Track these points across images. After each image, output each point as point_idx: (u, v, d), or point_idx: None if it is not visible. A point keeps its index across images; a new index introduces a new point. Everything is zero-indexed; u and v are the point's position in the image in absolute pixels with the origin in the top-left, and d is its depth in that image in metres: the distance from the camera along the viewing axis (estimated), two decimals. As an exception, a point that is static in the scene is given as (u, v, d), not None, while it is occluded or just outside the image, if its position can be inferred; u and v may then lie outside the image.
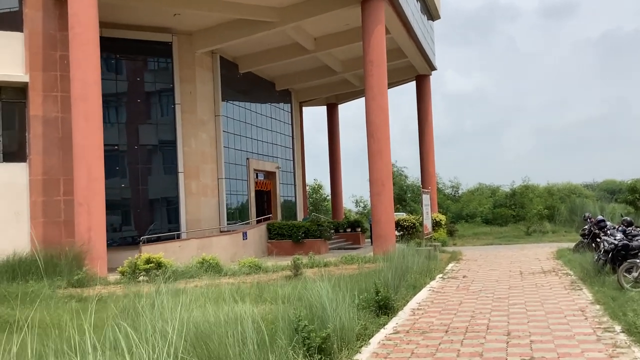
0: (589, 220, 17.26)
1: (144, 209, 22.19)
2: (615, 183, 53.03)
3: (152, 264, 15.18)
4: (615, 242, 11.67)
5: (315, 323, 6.51)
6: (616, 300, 9.13)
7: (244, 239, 22.13)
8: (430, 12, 30.44)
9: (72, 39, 16.20)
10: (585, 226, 17.10)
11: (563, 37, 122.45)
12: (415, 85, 31.56)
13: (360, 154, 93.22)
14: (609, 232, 13.00)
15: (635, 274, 10.45)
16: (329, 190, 40.13)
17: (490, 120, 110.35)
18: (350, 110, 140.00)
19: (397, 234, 22.73)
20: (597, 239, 14.98)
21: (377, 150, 19.65)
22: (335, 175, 37.28)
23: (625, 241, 11.61)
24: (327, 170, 37.57)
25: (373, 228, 19.99)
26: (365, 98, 20.24)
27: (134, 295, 7.48)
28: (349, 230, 28.90)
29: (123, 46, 21.87)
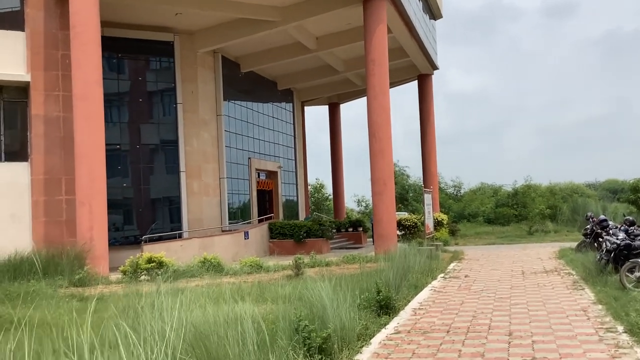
0: (591, 219, 17.21)
1: (145, 208, 22.21)
2: (617, 182, 52.90)
3: (154, 264, 15.17)
4: (618, 242, 11.63)
5: (316, 323, 6.48)
6: (618, 300, 9.09)
7: (245, 239, 22.13)
8: (432, 11, 30.40)
9: (74, 38, 16.20)
10: (588, 226, 17.06)
11: (564, 37, 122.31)
12: (417, 85, 31.55)
13: (362, 153, 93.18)
14: (611, 232, 12.96)
15: (637, 274, 10.40)
16: (330, 189, 40.15)
17: (492, 119, 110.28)
18: (352, 110, 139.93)
19: (399, 233, 22.72)
20: (600, 239, 14.92)
21: (379, 149, 19.63)
22: (337, 175, 37.26)
23: (627, 241, 11.58)
24: (329, 169, 37.62)
25: (375, 227, 19.96)
26: (367, 97, 20.22)
27: (133, 294, 7.46)
28: (350, 229, 28.91)
29: (125, 45, 21.87)
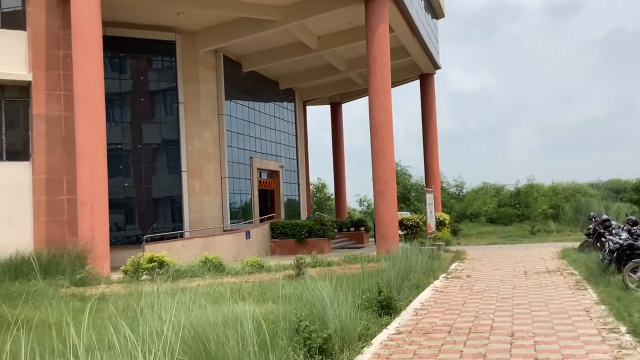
0: (593, 219, 17.14)
1: (147, 208, 22.20)
2: (620, 182, 52.72)
3: (155, 263, 15.16)
4: (621, 242, 11.58)
5: (317, 323, 6.45)
6: (621, 301, 9.05)
7: (247, 238, 22.11)
8: (434, 11, 30.35)
9: (75, 38, 16.19)
10: (590, 225, 16.98)
11: (567, 36, 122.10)
12: (419, 84, 31.49)
13: (364, 153, 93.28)
14: (614, 232, 12.90)
15: (640, 274, 10.36)
16: (332, 189, 40.10)
17: (494, 119, 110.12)
18: (354, 110, 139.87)
19: (401, 233, 22.68)
20: (602, 239, 14.87)
21: (381, 149, 19.59)
22: (339, 174, 37.21)
23: (630, 241, 11.53)
24: (331, 169, 37.56)
25: (376, 227, 19.92)
26: (368, 97, 20.16)
27: (132, 294, 7.44)
28: (352, 229, 28.88)
29: (126, 45, 21.86)
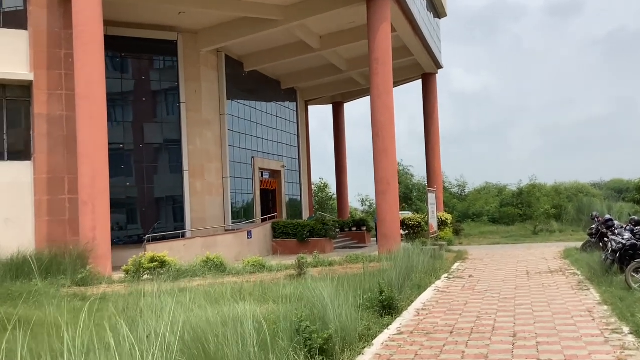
0: (596, 219, 17.10)
1: (149, 207, 22.19)
2: (622, 182, 52.56)
3: (157, 263, 15.16)
4: (623, 242, 11.53)
5: (318, 324, 6.41)
6: (624, 301, 9.01)
7: (248, 238, 22.08)
8: (436, 10, 30.29)
9: (76, 37, 16.18)
10: (593, 225, 16.94)
11: (568, 36, 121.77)
12: (421, 84, 31.43)
13: (366, 152, 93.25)
14: (616, 232, 12.86)
15: (643, 274, 10.31)
16: (334, 189, 40.04)
17: (496, 118, 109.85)
18: (356, 109, 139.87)
19: (403, 233, 22.62)
20: (605, 239, 14.82)
21: (383, 148, 19.54)
22: (341, 174, 37.17)
23: (633, 240, 11.48)
24: (333, 169, 37.53)
25: (378, 227, 19.88)
26: (370, 97, 20.12)
27: (131, 294, 7.41)
28: (354, 229, 28.82)
29: (128, 45, 21.85)
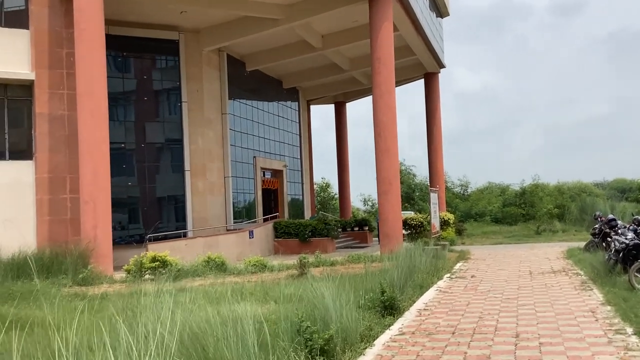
0: (599, 219, 17.03)
1: (150, 207, 22.17)
2: (625, 182, 52.42)
3: (158, 262, 15.11)
4: (627, 242, 11.47)
5: (318, 324, 6.37)
6: (628, 301, 8.95)
7: (250, 238, 22.05)
8: (439, 9, 30.21)
9: (78, 36, 16.15)
10: (596, 225, 16.88)
11: (570, 36, 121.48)
12: (423, 83, 31.36)
13: (368, 152, 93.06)
14: (619, 232, 12.81)
15: (647, 274, 10.25)
16: (336, 188, 40.00)
17: (499, 118, 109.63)
18: (358, 109, 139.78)
19: (405, 232, 22.57)
20: (608, 238, 14.75)
21: (385, 148, 19.49)
22: (343, 174, 37.13)
23: (636, 240, 11.42)
24: (335, 168, 37.46)
25: (380, 227, 19.84)
26: (372, 96, 20.08)
27: (135, 294, 7.38)
28: (356, 228, 28.79)
29: (130, 44, 21.82)
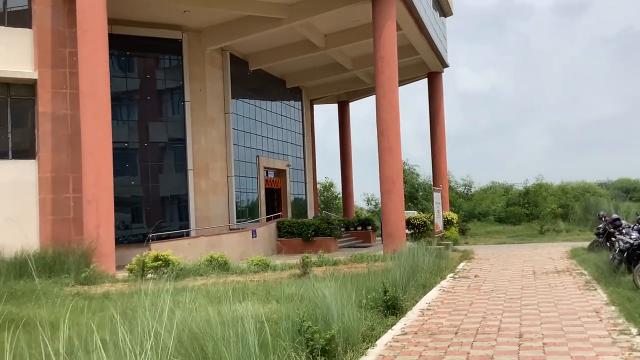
0: (603, 219, 16.94)
1: (153, 206, 22.17)
2: (629, 182, 52.32)
3: (161, 262, 15.09)
4: (631, 242, 11.41)
5: (320, 324, 6.33)
6: (632, 302, 8.89)
7: (253, 237, 22.03)
8: (442, 8, 30.14)
9: (81, 36, 16.14)
10: (600, 225, 16.78)
11: (577, 35, 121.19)
12: (427, 83, 31.30)
13: (371, 151, 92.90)
14: (624, 231, 12.73)
15: (651, 275, 10.18)
16: (340, 188, 39.99)
17: (503, 118, 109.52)
18: (361, 108, 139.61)
19: (408, 232, 22.52)
20: (612, 238, 14.69)
21: (388, 148, 19.45)
22: (347, 173, 37.09)
23: (641, 240, 11.35)
24: (339, 168, 37.44)
25: (383, 226, 19.78)
26: (375, 95, 20.04)
27: (137, 293, 7.35)
28: (359, 228, 28.75)
29: (133, 43, 21.82)
